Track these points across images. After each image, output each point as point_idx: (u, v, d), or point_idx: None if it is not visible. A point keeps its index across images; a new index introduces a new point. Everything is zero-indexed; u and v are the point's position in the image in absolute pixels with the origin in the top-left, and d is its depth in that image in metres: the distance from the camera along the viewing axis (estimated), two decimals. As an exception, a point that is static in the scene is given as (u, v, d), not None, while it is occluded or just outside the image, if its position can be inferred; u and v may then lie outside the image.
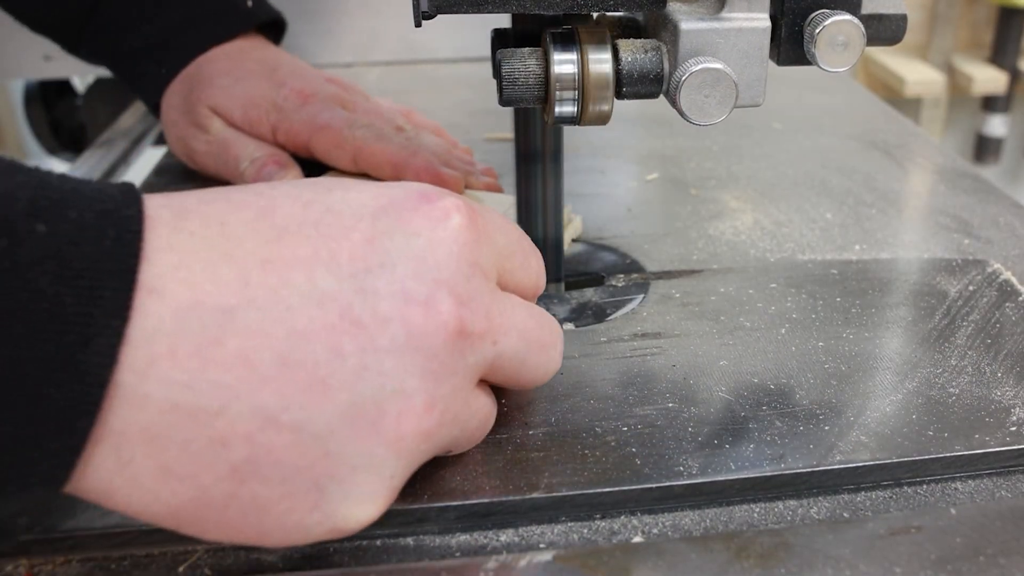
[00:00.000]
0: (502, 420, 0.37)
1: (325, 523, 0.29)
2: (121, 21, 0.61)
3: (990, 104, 1.86)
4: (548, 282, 0.48)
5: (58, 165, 1.37)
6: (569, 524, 0.34)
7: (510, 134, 0.56)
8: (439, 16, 0.37)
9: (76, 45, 0.63)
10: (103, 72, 0.85)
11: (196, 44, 0.61)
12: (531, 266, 0.35)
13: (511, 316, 0.32)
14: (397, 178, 0.56)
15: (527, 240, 0.36)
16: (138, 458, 0.26)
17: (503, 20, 0.44)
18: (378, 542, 0.33)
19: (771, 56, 0.39)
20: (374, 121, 0.57)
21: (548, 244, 0.49)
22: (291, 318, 0.27)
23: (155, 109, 0.63)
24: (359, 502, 0.29)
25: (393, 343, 0.28)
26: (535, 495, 0.33)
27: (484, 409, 0.34)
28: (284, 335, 0.27)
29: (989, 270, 0.48)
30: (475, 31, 0.94)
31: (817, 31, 0.37)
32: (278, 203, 0.29)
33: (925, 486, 0.35)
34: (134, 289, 0.25)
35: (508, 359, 0.32)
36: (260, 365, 0.27)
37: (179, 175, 0.63)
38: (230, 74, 0.59)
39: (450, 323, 0.29)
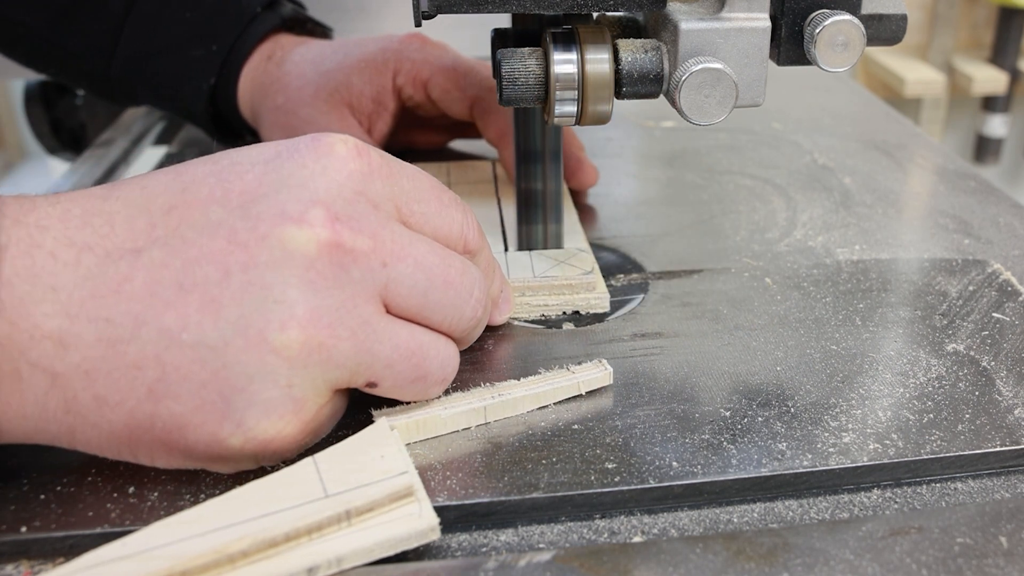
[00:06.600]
0: (502, 421, 0.37)
1: (237, 433, 0.32)
2: (157, 18, 0.60)
3: (990, 104, 1.86)
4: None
5: (58, 165, 1.37)
6: (569, 524, 0.34)
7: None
8: (439, 16, 0.37)
9: (108, 61, 0.61)
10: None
11: (246, 17, 0.60)
12: (452, 216, 0.37)
13: (408, 246, 0.34)
14: (506, 147, 0.57)
15: (449, 194, 0.38)
16: (79, 393, 0.31)
17: (503, 20, 0.44)
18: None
19: (771, 56, 0.39)
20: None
21: (548, 244, 0.49)
22: (186, 249, 0.31)
23: (199, 97, 0.61)
24: (264, 412, 0.32)
25: (272, 257, 0.31)
26: (535, 495, 0.33)
27: (401, 339, 0.34)
28: (181, 264, 0.31)
29: (989, 270, 0.48)
30: (475, 31, 0.94)
31: (817, 31, 0.37)
32: (192, 164, 0.34)
33: (925, 486, 0.35)
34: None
35: (406, 287, 0.34)
36: (162, 293, 0.31)
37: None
38: (333, 53, 0.59)
39: (322, 234, 0.32)
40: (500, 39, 0.43)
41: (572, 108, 0.39)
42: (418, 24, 0.37)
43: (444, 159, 0.63)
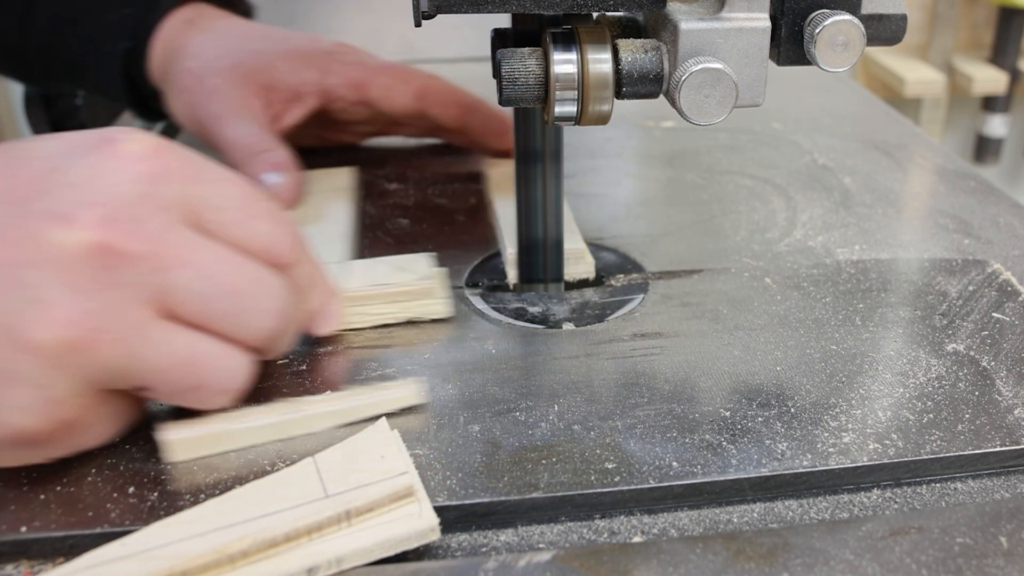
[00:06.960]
0: (502, 421, 0.37)
1: None
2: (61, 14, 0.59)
3: (990, 104, 1.86)
4: (549, 282, 0.48)
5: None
6: (569, 524, 0.34)
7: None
8: (439, 16, 0.37)
9: (25, 33, 0.60)
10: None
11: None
12: (256, 228, 0.36)
13: (193, 252, 0.33)
14: (463, 122, 0.59)
15: (260, 205, 0.36)
16: None
17: (503, 20, 0.44)
18: (378, 542, 0.33)
19: (771, 56, 0.39)
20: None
21: (548, 244, 0.49)
22: None
23: (119, 90, 0.60)
24: (18, 409, 0.31)
25: (35, 257, 0.31)
26: (535, 495, 0.33)
27: (175, 346, 0.33)
28: None
29: (989, 270, 0.48)
30: (475, 31, 0.94)
31: (817, 31, 0.37)
32: None
33: (925, 486, 0.35)
34: None
35: (188, 293, 0.33)
36: None
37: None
38: (262, 38, 0.59)
39: (91, 236, 0.31)
40: (500, 39, 0.43)
41: (572, 108, 0.39)
42: (418, 24, 0.37)
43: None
